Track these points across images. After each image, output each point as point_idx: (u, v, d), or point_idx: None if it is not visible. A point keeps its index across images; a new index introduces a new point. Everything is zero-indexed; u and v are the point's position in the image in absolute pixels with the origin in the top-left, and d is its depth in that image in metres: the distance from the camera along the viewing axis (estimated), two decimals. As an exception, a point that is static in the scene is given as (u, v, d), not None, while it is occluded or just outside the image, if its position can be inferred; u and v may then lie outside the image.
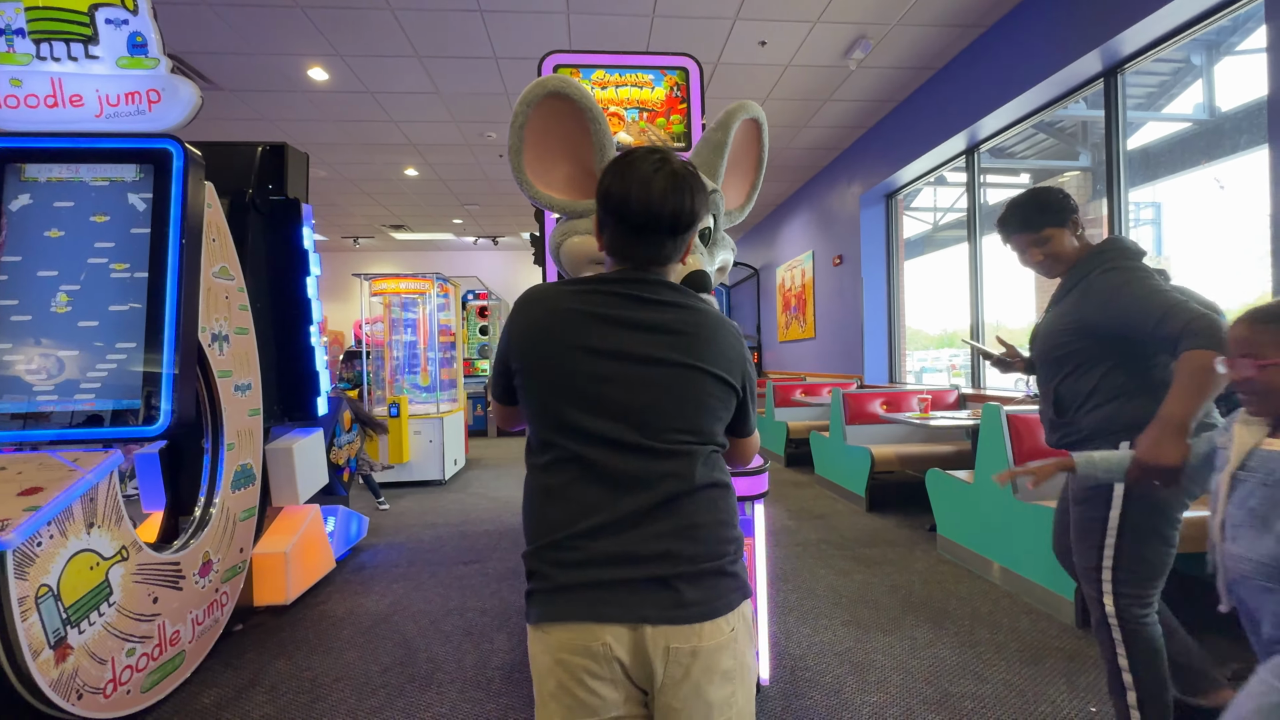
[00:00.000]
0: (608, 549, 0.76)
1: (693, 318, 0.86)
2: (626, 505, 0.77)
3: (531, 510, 0.84)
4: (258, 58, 4.02)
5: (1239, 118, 3.37)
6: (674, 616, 0.75)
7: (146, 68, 2.11)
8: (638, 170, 0.84)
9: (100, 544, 1.74)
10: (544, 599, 0.78)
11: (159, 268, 2.03)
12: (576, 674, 0.76)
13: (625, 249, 0.88)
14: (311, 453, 2.90)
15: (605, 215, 0.88)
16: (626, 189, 0.84)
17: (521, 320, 0.87)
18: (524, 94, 1.24)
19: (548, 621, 0.78)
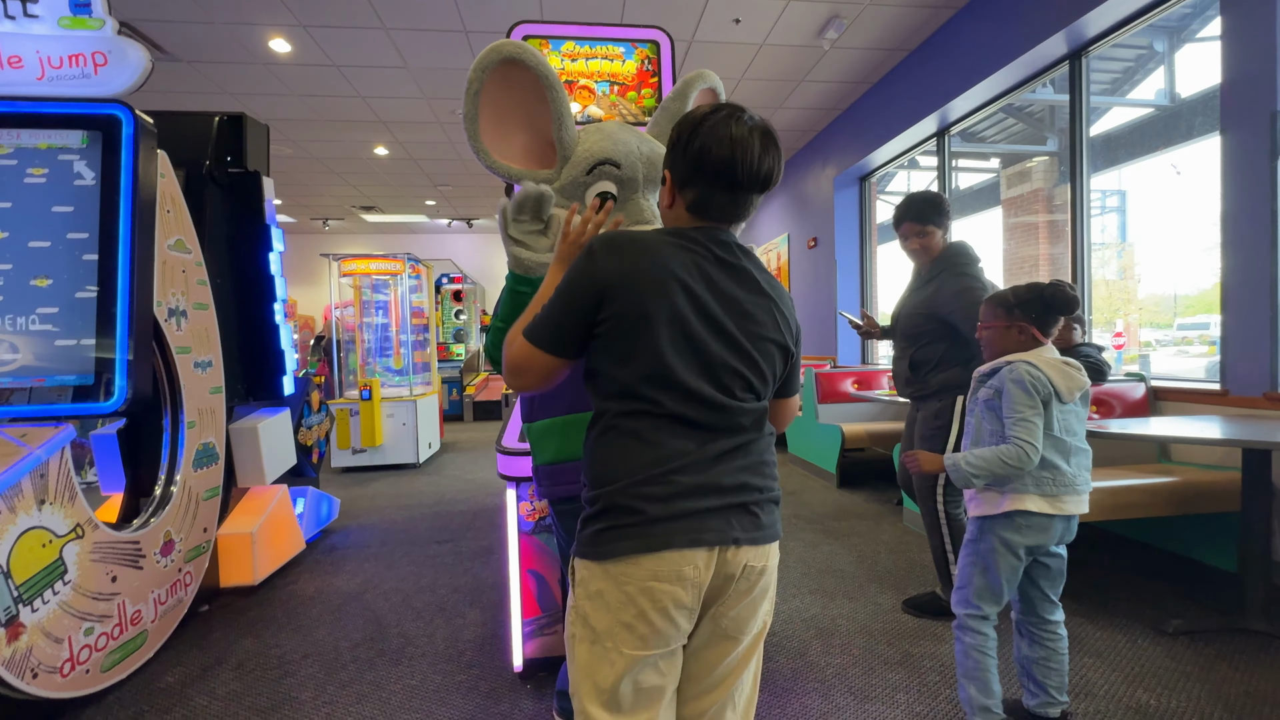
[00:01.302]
0: (696, 482, 0.82)
1: (772, 284, 0.92)
2: (711, 449, 0.84)
3: (612, 454, 0.85)
4: (215, 26, 3.86)
5: (1197, 104, 3.47)
6: (755, 538, 0.85)
7: (91, 28, 2.02)
8: (732, 129, 0.84)
9: (52, 521, 1.69)
10: (635, 532, 0.81)
11: (110, 239, 1.96)
12: (661, 602, 0.80)
13: (718, 208, 0.88)
14: (278, 433, 2.85)
15: (697, 174, 0.86)
16: (729, 149, 0.83)
17: (620, 263, 0.83)
18: (478, 59, 1.20)
19: (640, 553, 0.80)
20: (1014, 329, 1.48)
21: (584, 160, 1.25)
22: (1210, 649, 1.92)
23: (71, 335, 1.91)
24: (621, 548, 0.81)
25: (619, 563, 0.81)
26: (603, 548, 0.82)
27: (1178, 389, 2.82)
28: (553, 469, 1.28)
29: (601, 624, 0.82)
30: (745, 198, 0.87)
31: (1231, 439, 1.94)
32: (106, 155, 2.00)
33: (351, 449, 5.00)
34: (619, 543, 0.81)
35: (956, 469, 1.43)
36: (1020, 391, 1.40)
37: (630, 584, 0.80)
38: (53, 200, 1.97)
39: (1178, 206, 3.91)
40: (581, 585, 0.85)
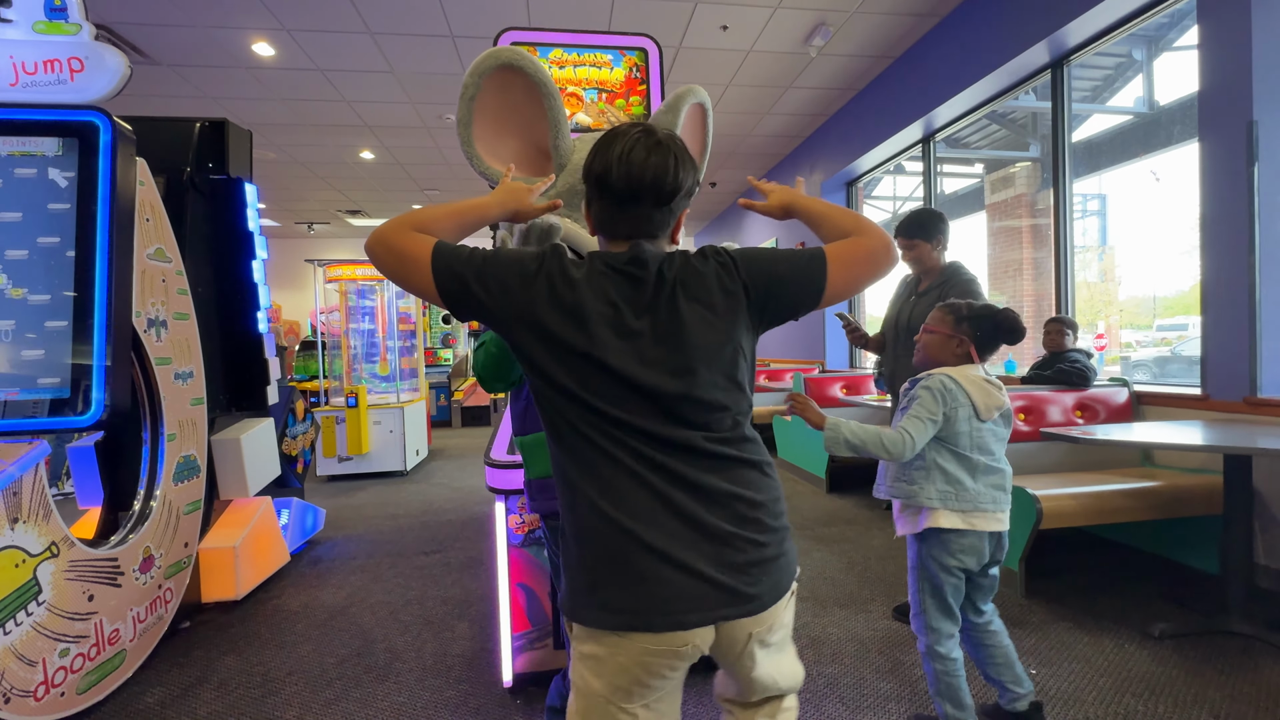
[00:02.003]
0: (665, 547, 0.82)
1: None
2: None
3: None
4: (197, 30, 3.81)
5: (1175, 111, 3.53)
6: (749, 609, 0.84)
7: (67, 33, 1.97)
8: (619, 141, 0.84)
9: (26, 540, 1.65)
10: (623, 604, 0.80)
11: (86, 248, 1.91)
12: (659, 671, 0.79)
13: (610, 224, 0.88)
14: (261, 443, 2.79)
15: (590, 190, 0.87)
16: (608, 159, 0.84)
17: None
18: (475, 64, 1.19)
19: (631, 630, 0.78)
20: (955, 340, 1.49)
21: (581, 169, 1.24)
22: (1195, 652, 1.94)
23: (47, 347, 1.87)
24: (610, 621, 0.77)
25: (611, 635, 0.77)
26: (591, 615, 0.78)
27: (1160, 394, 2.86)
28: (545, 483, 1.26)
29: (597, 685, 0.79)
30: (636, 211, 0.85)
31: (1213, 445, 1.97)
32: (84, 163, 1.96)
33: (338, 457, 4.93)
34: (609, 614, 0.77)
35: (835, 430, 1.40)
36: (928, 396, 1.43)
37: (624, 655, 0.77)
38: (28, 209, 1.92)
39: (1157, 211, 3.98)
40: (576, 641, 0.82)
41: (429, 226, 0.85)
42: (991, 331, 1.48)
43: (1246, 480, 2.06)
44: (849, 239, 0.91)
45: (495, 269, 0.82)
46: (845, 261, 0.89)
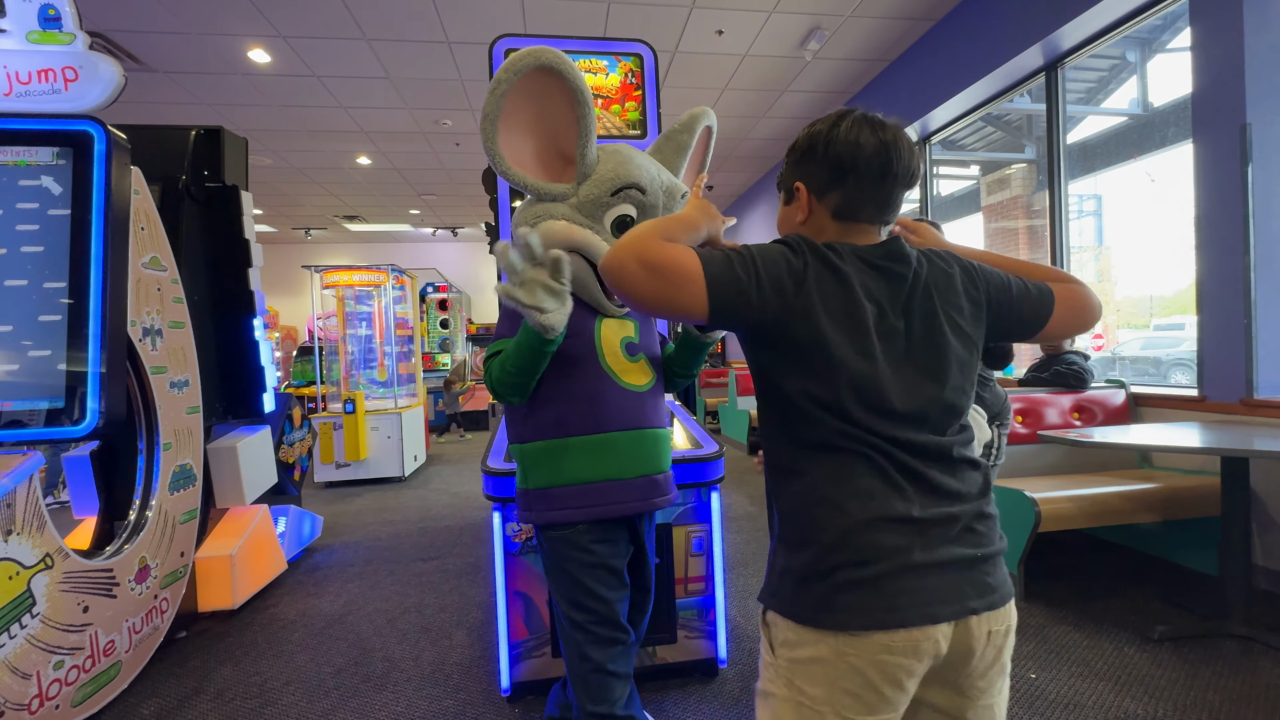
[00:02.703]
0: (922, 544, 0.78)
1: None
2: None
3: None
4: (192, 37, 3.81)
5: (1169, 113, 3.55)
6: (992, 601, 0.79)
7: (61, 43, 1.97)
8: (875, 125, 0.82)
9: (20, 552, 1.64)
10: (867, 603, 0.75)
11: (82, 258, 1.91)
12: (894, 675, 0.73)
13: (857, 208, 0.83)
14: (258, 451, 2.78)
15: (848, 173, 0.81)
16: (881, 144, 0.80)
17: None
18: (512, 60, 1.14)
19: (873, 629, 0.74)
20: None
21: (610, 181, 1.24)
22: (1194, 654, 1.94)
23: (42, 357, 1.86)
24: (852, 620, 0.72)
25: (845, 635, 0.72)
26: (826, 615, 0.73)
27: (1157, 395, 2.86)
28: (551, 493, 1.25)
29: (817, 690, 0.73)
30: (897, 196, 0.83)
31: (1210, 447, 1.97)
32: (78, 172, 1.96)
33: (335, 463, 4.92)
34: (849, 614, 0.72)
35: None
36: None
37: (858, 656, 0.72)
38: (22, 218, 1.92)
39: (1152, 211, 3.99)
40: (788, 647, 0.75)
41: (671, 238, 0.81)
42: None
43: (1244, 482, 2.06)
44: (1070, 285, 0.91)
45: (769, 269, 0.77)
46: (1072, 306, 0.89)
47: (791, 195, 0.88)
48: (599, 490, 1.25)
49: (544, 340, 1.12)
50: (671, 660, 1.84)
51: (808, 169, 0.85)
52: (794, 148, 0.87)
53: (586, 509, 1.24)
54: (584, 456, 1.25)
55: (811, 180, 0.85)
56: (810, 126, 0.86)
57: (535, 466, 1.27)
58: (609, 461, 1.27)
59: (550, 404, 1.25)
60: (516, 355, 1.16)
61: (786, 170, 0.89)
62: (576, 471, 1.25)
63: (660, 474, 1.34)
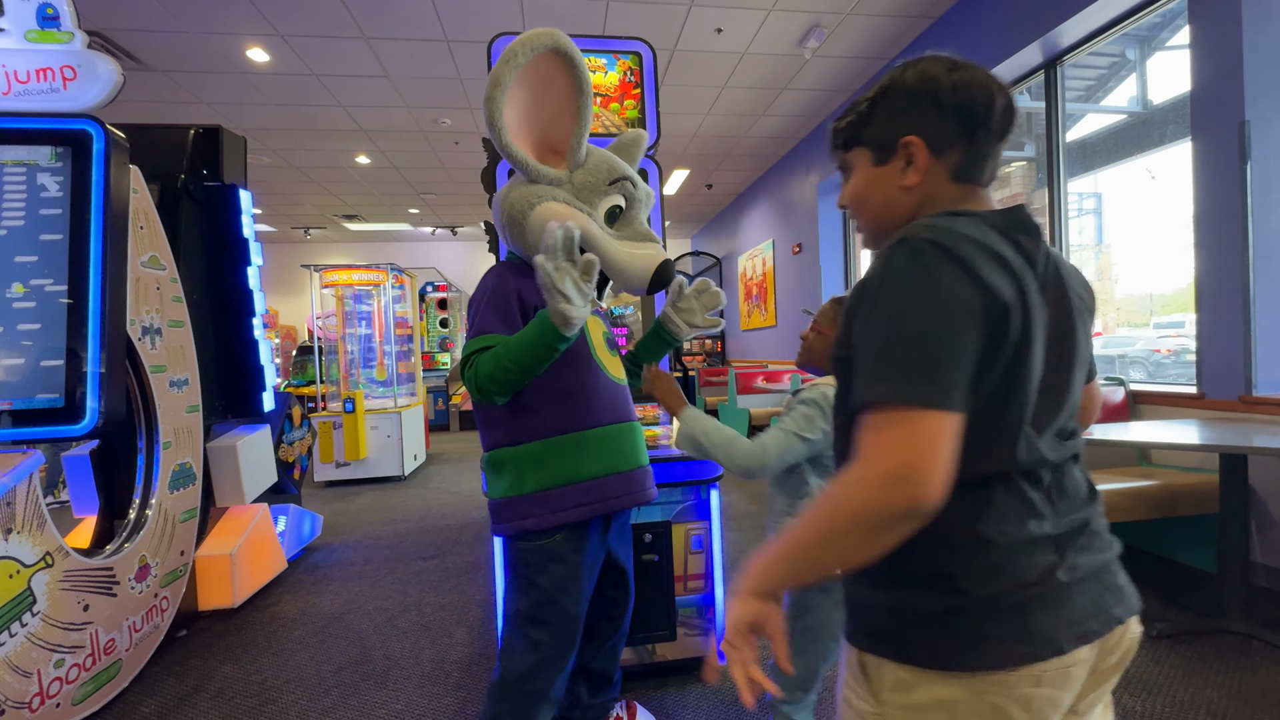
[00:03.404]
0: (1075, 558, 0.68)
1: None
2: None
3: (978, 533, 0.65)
4: (191, 36, 3.80)
5: (1168, 110, 3.55)
6: (1132, 606, 0.72)
7: (60, 42, 1.97)
8: (989, 73, 0.69)
9: (20, 551, 1.64)
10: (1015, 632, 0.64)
11: (81, 257, 1.91)
12: (1043, 712, 0.64)
13: (979, 169, 0.70)
14: (257, 450, 2.79)
15: (968, 129, 0.68)
16: (1003, 91, 0.68)
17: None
18: (529, 36, 1.11)
19: (1025, 664, 0.64)
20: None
21: (607, 171, 1.26)
22: (1192, 651, 1.95)
23: (42, 356, 1.86)
24: (999, 657, 0.61)
25: (984, 674, 0.62)
26: (966, 655, 0.62)
27: (1156, 393, 2.86)
28: (549, 495, 1.20)
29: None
30: (998, 152, 0.71)
31: (1209, 444, 1.97)
32: (77, 171, 1.96)
33: (335, 462, 4.92)
34: (994, 650, 0.61)
35: (691, 423, 1.22)
36: (808, 409, 1.19)
37: (999, 695, 0.62)
38: (21, 218, 1.92)
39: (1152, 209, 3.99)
40: (901, 691, 0.65)
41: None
42: None
43: (1242, 479, 2.07)
44: None
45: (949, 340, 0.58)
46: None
47: (891, 152, 0.71)
48: (604, 485, 1.24)
49: (559, 337, 1.09)
50: (671, 657, 1.84)
51: (925, 118, 0.69)
52: (892, 91, 0.71)
53: (585, 507, 1.22)
54: (588, 451, 1.23)
55: (931, 133, 0.69)
56: (910, 68, 0.70)
57: (532, 468, 1.21)
58: (611, 454, 1.26)
59: (544, 401, 1.21)
60: (520, 351, 1.10)
61: (882, 120, 0.71)
62: (581, 467, 1.22)
63: (647, 465, 1.35)
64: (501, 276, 1.25)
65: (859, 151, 0.74)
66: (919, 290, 0.59)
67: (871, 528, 0.57)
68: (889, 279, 0.61)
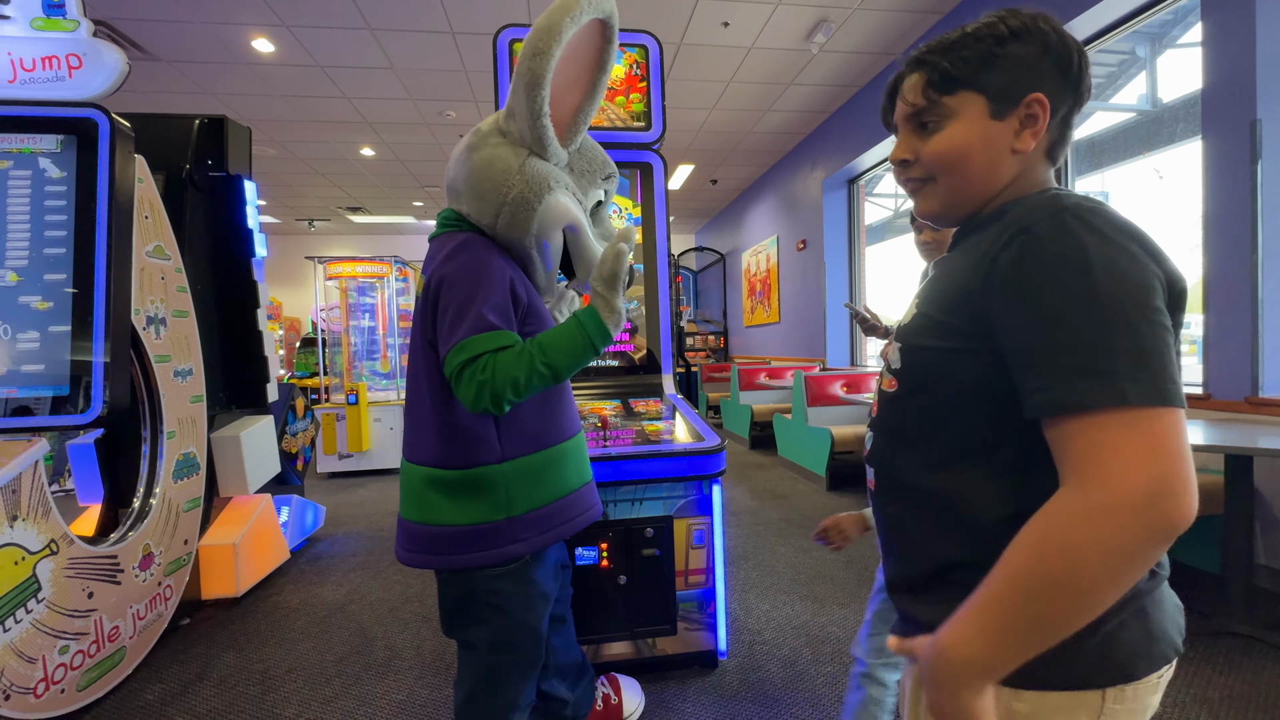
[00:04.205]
0: None
1: None
2: None
3: None
4: (196, 26, 3.80)
5: (1178, 109, 3.52)
6: None
7: (65, 30, 1.97)
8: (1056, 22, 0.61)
9: (25, 538, 1.65)
10: (1156, 633, 0.61)
11: (86, 246, 1.91)
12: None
13: (1063, 148, 0.64)
14: (261, 441, 2.79)
15: (1082, 93, 0.61)
16: (1075, 47, 0.60)
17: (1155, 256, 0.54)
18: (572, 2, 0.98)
19: (1166, 662, 0.61)
20: None
21: (603, 162, 1.22)
22: (1194, 652, 1.94)
23: (46, 345, 1.86)
24: (1131, 666, 0.57)
25: (1114, 688, 0.57)
26: (1096, 671, 0.57)
27: (1161, 392, 2.85)
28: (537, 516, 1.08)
29: None
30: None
31: (1214, 445, 1.96)
32: (82, 160, 1.96)
33: (338, 454, 4.94)
34: (1125, 661, 0.57)
35: None
36: None
37: (1125, 706, 0.58)
38: (26, 206, 1.92)
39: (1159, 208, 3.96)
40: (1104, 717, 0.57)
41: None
42: None
43: (1247, 480, 2.06)
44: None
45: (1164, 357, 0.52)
46: None
47: (1013, 106, 0.60)
48: (583, 497, 1.17)
49: (607, 341, 1.04)
50: (671, 651, 1.84)
51: (1050, 79, 0.60)
52: (1024, 37, 0.60)
53: (562, 527, 1.11)
54: (571, 463, 1.14)
55: (1054, 92, 0.60)
56: (1007, 16, 0.60)
57: (521, 489, 1.06)
58: (584, 464, 1.20)
59: (530, 413, 1.09)
60: (562, 354, 0.99)
61: (1011, 67, 0.60)
62: (562, 483, 1.12)
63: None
64: (495, 257, 1.05)
65: (969, 97, 0.61)
66: (1121, 270, 0.50)
67: (1130, 563, 0.48)
68: (1072, 257, 0.51)
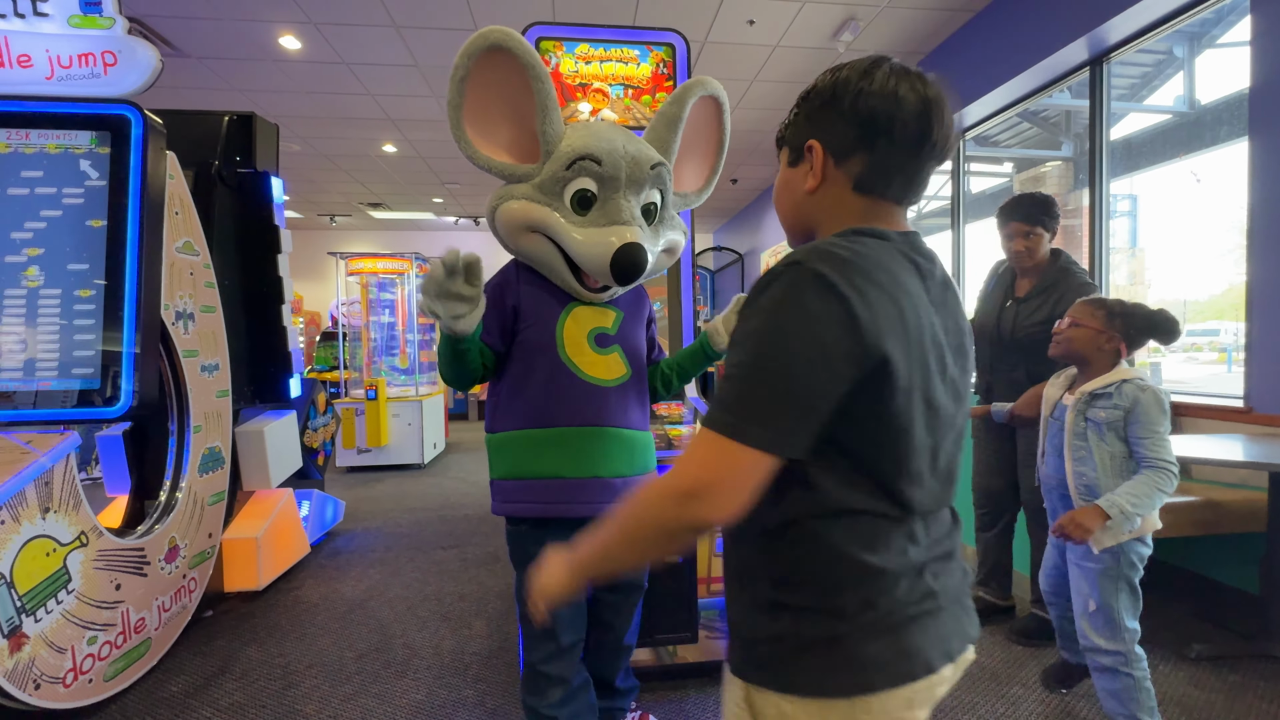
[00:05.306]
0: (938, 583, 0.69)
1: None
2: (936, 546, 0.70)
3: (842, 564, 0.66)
4: (226, 23, 3.84)
5: (1218, 110, 3.40)
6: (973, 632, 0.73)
7: (101, 27, 1.99)
8: (917, 78, 0.66)
9: (57, 530, 1.67)
10: (892, 652, 0.65)
11: (118, 241, 1.93)
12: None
13: (886, 181, 0.68)
14: (284, 435, 2.82)
15: (871, 136, 0.66)
16: (924, 100, 0.65)
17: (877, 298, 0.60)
18: (465, 45, 1.15)
19: (900, 684, 0.65)
20: (1105, 336, 1.46)
21: (565, 155, 1.21)
22: (1235, 676, 1.88)
23: (78, 339, 1.89)
24: (877, 678, 0.62)
25: (862, 698, 0.62)
26: (844, 680, 0.62)
27: (1198, 405, 2.76)
28: (505, 485, 1.27)
29: None
30: (928, 168, 0.69)
31: (1255, 461, 1.89)
32: (115, 156, 1.98)
33: (357, 449, 4.99)
34: (874, 673, 0.62)
35: (1125, 516, 1.35)
36: (1160, 414, 1.38)
37: (873, 717, 0.63)
38: (60, 201, 1.95)
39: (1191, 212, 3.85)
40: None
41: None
42: (1146, 329, 1.45)
43: (1292, 498, 1.98)
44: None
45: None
46: None
47: (800, 155, 0.71)
48: (545, 487, 1.24)
49: (455, 339, 1.15)
50: (692, 660, 1.82)
51: (829, 123, 0.68)
52: (810, 95, 0.71)
53: (528, 504, 1.25)
54: (531, 450, 1.24)
55: (832, 138, 0.68)
56: (834, 71, 0.69)
57: (495, 457, 1.29)
58: (556, 457, 1.23)
59: (514, 395, 1.26)
60: (440, 349, 1.21)
61: (797, 123, 0.72)
62: (524, 465, 1.25)
63: (618, 478, 1.25)
64: (500, 276, 1.32)
65: (782, 152, 0.76)
66: (788, 326, 0.59)
67: (667, 536, 0.63)
68: (765, 304, 0.61)
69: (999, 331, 2.10)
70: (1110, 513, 1.35)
